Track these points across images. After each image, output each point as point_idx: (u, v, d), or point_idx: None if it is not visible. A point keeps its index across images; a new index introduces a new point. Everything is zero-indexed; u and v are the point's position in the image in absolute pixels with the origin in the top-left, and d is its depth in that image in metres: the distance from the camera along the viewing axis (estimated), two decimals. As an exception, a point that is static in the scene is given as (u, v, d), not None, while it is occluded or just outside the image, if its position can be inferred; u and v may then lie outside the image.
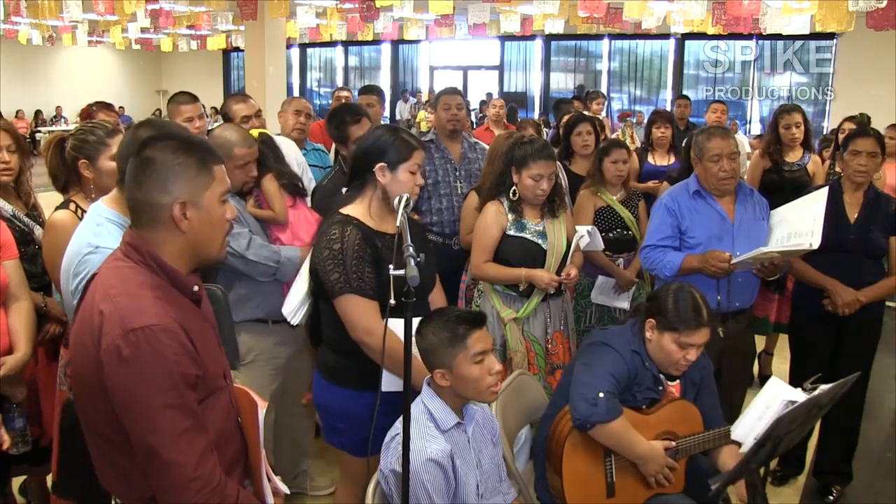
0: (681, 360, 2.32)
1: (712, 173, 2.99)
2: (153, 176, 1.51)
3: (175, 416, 1.44)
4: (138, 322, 1.43)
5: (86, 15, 11.03)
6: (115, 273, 1.52)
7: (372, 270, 2.21)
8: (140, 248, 1.53)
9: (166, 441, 1.43)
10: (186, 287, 1.56)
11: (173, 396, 1.44)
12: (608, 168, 3.79)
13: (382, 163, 2.27)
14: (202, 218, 1.54)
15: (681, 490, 2.40)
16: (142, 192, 1.52)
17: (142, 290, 1.48)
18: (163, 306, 1.47)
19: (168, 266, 1.53)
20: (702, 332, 2.31)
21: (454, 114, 3.86)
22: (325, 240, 2.26)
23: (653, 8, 9.11)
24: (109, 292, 1.48)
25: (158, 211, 1.52)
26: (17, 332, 2.39)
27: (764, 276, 3.03)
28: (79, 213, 2.35)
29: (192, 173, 1.53)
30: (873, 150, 3.12)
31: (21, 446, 2.42)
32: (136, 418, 1.44)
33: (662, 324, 2.33)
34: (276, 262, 2.74)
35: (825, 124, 13.35)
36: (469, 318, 2.05)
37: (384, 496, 2.04)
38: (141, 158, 1.54)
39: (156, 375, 1.42)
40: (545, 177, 2.95)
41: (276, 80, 8.69)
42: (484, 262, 3.01)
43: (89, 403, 1.54)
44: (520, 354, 2.97)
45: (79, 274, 1.92)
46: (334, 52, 20.17)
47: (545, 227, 3.01)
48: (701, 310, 2.31)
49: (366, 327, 2.19)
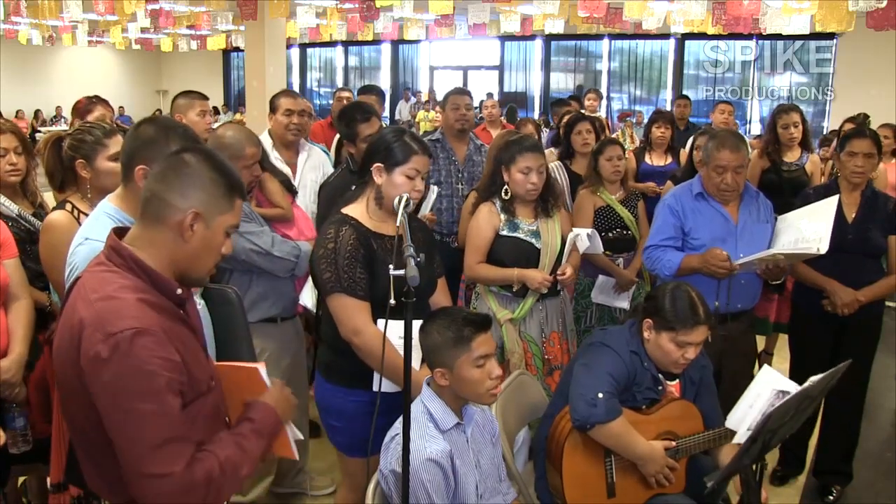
0: (679, 358, 2.33)
1: (714, 183, 2.98)
2: (182, 178, 1.53)
3: (157, 424, 1.40)
4: (118, 326, 1.41)
5: (86, 15, 11.02)
6: (96, 277, 1.51)
7: (364, 271, 2.22)
8: (122, 251, 1.52)
9: (146, 452, 1.40)
10: (169, 290, 1.54)
11: (155, 403, 1.40)
12: (604, 166, 3.80)
13: (379, 163, 2.28)
14: (206, 237, 1.55)
15: (681, 490, 2.40)
16: (163, 188, 1.53)
17: (123, 294, 1.46)
18: (144, 310, 1.45)
19: (150, 269, 1.52)
20: (699, 331, 2.31)
21: (463, 114, 3.88)
22: (321, 238, 2.29)
23: (653, 8, 9.10)
24: (90, 297, 1.47)
25: (170, 212, 1.52)
26: (12, 333, 2.38)
27: (768, 279, 3.02)
28: (75, 213, 2.35)
29: (218, 193, 1.55)
30: (870, 151, 3.11)
31: (22, 446, 2.41)
32: (118, 426, 1.42)
33: (659, 323, 2.33)
34: (296, 257, 2.80)
35: (825, 124, 13.36)
36: (476, 320, 2.05)
37: (384, 496, 2.04)
38: (178, 158, 1.56)
39: (136, 381, 1.40)
40: (534, 169, 2.93)
41: (276, 80, 8.67)
42: (477, 262, 3.00)
43: (73, 406, 1.53)
44: (517, 356, 2.96)
45: (70, 265, 1.92)
46: (334, 52, 20.17)
47: (539, 226, 3.00)
48: (697, 308, 2.31)
49: (354, 327, 2.21)
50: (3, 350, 2.36)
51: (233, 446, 1.52)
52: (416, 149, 2.28)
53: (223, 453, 1.49)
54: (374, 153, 2.31)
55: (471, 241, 3.04)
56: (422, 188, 2.32)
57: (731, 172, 2.93)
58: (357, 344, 2.21)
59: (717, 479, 2.17)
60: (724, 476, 2.18)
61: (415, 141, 2.31)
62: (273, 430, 1.64)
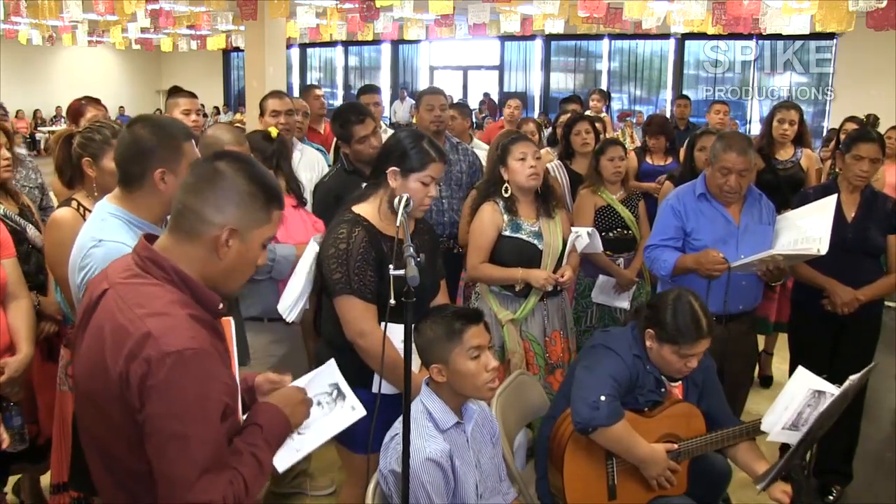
0: (682, 368, 2.33)
1: (718, 184, 2.98)
2: (218, 192, 1.44)
3: (204, 450, 1.34)
4: (175, 346, 1.33)
5: (86, 15, 11.02)
6: (137, 291, 1.42)
7: (374, 274, 2.22)
8: (162, 262, 1.44)
9: (190, 478, 1.33)
10: (212, 304, 1.47)
11: (205, 428, 1.35)
12: (605, 166, 3.80)
13: (396, 167, 2.27)
14: (241, 252, 1.47)
15: (683, 492, 2.40)
16: (197, 202, 1.44)
17: (173, 310, 1.38)
18: (197, 328, 1.38)
19: (193, 281, 1.44)
20: (702, 343, 2.29)
21: (437, 115, 3.76)
22: (332, 237, 2.28)
23: (653, 8, 9.10)
24: (136, 312, 1.37)
25: (204, 226, 1.44)
26: (17, 332, 2.40)
27: (769, 281, 3.02)
28: (80, 210, 2.36)
29: (256, 206, 1.47)
30: (876, 156, 3.11)
31: (18, 444, 2.43)
32: (163, 449, 1.34)
33: (662, 336, 2.31)
34: (270, 261, 2.75)
35: (825, 124, 13.35)
36: (466, 313, 2.07)
37: (384, 496, 2.04)
38: (213, 169, 1.47)
39: (192, 404, 1.33)
40: (529, 154, 2.95)
41: (276, 80, 8.66)
42: (480, 262, 3.00)
43: (99, 423, 1.45)
44: (518, 356, 2.97)
45: (84, 268, 1.92)
46: (334, 52, 20.18)
47: (541, 227, 3.00)
48: (700, 321, 2.28)
49: (359, 329, 2.21)
50: (3, 348, 2.37)
51: (252, 464, 1.45)
52: (433, 156, 2.28)
53: (247, 472, 1.43)
54: (390, 156, 2.30)
55: (474, 240, 3.03)
56: (435, 194, 2.31)
57: (736, 175, 2.92)
58: (362, 346, 2.22)
59: (767, 481, 2.19)
60: (774, 477, 2.20)
61: (432, 147, 2.30)
62: (283, 435, 1.58)
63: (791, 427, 2.26)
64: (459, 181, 3.75)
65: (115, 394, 1.37)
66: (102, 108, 3.76)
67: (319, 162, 3.86)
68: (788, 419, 2.25)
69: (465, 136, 4.73)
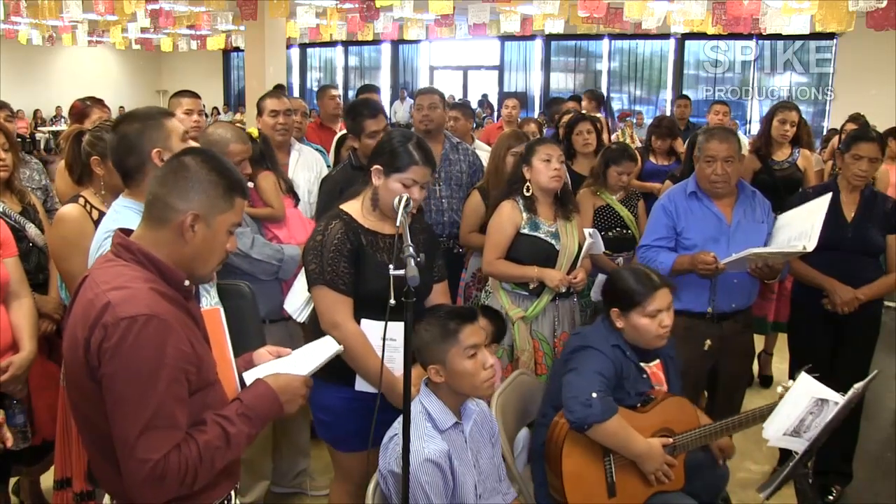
0: (658, 329, 2.37)
1: (705, 175, 3.00)
2: (181, 182, 1.57)
3: (147, 409, 1.42)
4: (130, 311, 1.44)
5: (86, 15, 11.01)
6: (106, 271, 1.54)
7: (349, 266, 2.23)
8: (130, 246, 1.56)
9: (132, 436, 1.41)
10: (177, 281, 1.58)
11: (151, 389, 1.42)
12: (612, 175, 3.79)
13: (379, 166, 2.28)
14: (207, 236, 1.58)
15: (681, 487, 2.40)
16: (163, 191, 1.57)
17: (134, 283, 1.50)
18: (156, 298, 1.49)
19: (158, 260, 1.55)
20: (661, 294, 2.38)
21: (426, 114, 3.73)
22: (314, 231, 2.33)
23: (653, 8, 9.10)
24: (101, 287, 1.49)
25: (171, 214, 1.56)
26: (20, 329, 2.42)
27: (760, 278, 3.02)
28: (87, 207, 2.38)
29: (217, 193, 1.58)
30: (875, 155, 3.13)
31: (21, 442, 2.44)
32: (113, 408, 1.43)
33: (624, 306, 2.39)
34: (278, 261, 2.78)
35: (825, 124, 13.34)
36: (461, 312, 2.08)
37: (384, 497, 2.04)
38: (178, 161, 1.61)
39: (141, 365, 1.42)
40: (554, 157, 2.99)
41: (275, 80, 8.66)
42: (496, 258, 3.02)
43: (79, 396, 1.55)
44: (527, 354, 2.99)
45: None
46: (334, 52, 20.15)
47: (558, 228, 3.03)
48: (648, 276, 2.41)
49: (332, 320, 2.23)
50: (4, 347, 2.37)
51: (215, 430, 1.52)
52: (417, 159, 2.25)
53: (203, 437, 1.49)
54: (377, 154, 2.32)
55: (491, 237, 3.05)
56: (419, 197, 2.28)
57: (721, 162, 2.95)
58: (335, 338, 2.21)
59: (771, 488, 2.20)
60: (779, 485, 2.21)
61: (419, 150, 2.28)
62: (268, 414, 1.63)
63: (793, 433, 2.26)
64: (460, 181, 3.74)
65: (82, 362, 1.48)
66: (107, 110, 3.78)
67: (318, 162, 3.86)
68: (790, 426, 2.25)
69: (467, 137, 4.72)
